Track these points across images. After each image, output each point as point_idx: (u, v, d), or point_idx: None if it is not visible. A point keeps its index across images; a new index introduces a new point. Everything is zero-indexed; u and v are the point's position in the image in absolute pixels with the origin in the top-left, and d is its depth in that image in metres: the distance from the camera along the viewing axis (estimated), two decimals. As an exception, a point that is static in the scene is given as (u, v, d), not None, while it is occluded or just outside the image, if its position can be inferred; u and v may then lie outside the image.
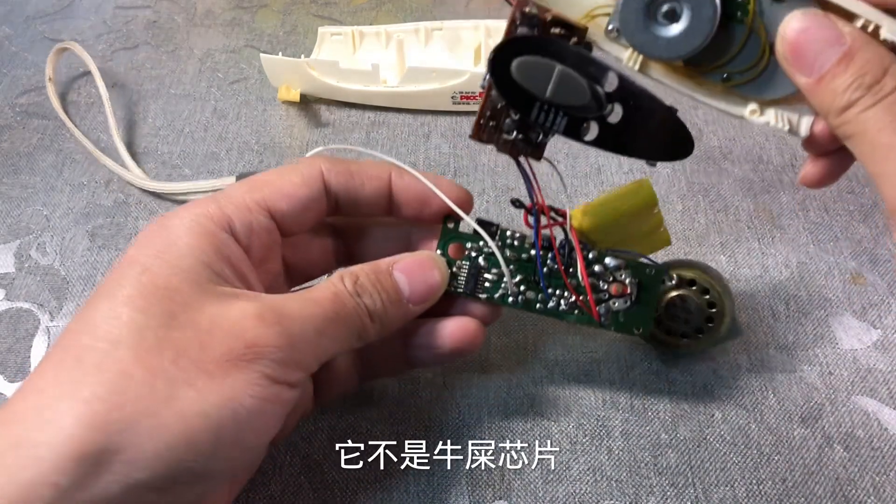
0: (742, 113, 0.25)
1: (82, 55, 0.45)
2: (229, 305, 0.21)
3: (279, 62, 0.44)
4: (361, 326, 0.24)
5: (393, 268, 0.26)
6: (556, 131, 0.24)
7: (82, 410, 0.19)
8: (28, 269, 0.38)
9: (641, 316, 0.28)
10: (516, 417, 0.31)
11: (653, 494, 0.29)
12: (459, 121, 0.45)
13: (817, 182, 0.26)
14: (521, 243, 0.28)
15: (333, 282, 0.24)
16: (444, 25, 0.47)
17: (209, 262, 0.22)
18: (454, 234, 0.28)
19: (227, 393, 0.20)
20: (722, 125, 0.44)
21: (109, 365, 0.19)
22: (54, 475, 0.18)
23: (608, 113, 0.24)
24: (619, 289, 0.28)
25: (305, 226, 0.27)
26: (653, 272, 0.28)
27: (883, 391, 0.32)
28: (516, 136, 0.25)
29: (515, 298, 0.28)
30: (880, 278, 0.36)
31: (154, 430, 0.19)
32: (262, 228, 0.25)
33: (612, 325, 0.28)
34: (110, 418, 0.19)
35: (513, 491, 0.29)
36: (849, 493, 0.29)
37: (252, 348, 0.20)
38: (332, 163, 0.27)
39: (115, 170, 0.41)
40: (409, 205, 0.27)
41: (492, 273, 0.28)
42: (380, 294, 0.25)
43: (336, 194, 0.27)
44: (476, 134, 0.25)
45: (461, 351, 0.27)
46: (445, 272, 0.27)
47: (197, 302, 0.21)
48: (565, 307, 0.28)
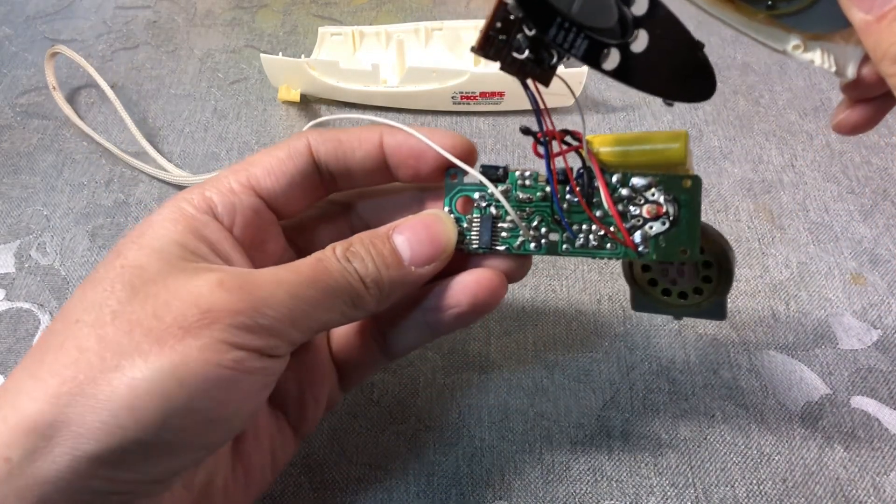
0: (784, 47, 0.22)
1: (75, 58, 0.45)
2: (194, 277, 0.21)
3: (279, 62, 0.44)
4: (354, 292, 0.23)
5: (392, 231, 0.24)
6: (575, 55, 0.21)
7: (36, 386, 0.19)
8: (28, 269, 0.38)
9: (685, 236, 0.24)
10: (516, 417, 0.31)
11: (653, 494, 0.29)
12: (459, 121, 0.45)
13: (854, 129, 0.24)
14: (535, 181, 0.25)
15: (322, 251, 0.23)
16: (445, 25, 0.47)
17: (184, 242, 0.22)
18: (459, 186, 0.26)
19: (177, 359, 0.19)
20: (722, 125, 0.44)
21: (68, 342, 0.20)
22: (6, 450, 0.18)
23: (632, 40, 0.21)
24: (654, 210, 0.24)
25: (301, 203, 0.26)
26: (690, 184, 0.24)
27: (883, 391, 0.32)
28: (527, 56, 0.22)
29: (538, 243, 0.25)
30: (880, 278, 0.36)
31: (99, 401, 0.18)
32: (246, 208, 0.24)
33: (652, 253, 0.24)
34: (60, 391, 0.19)
35: (513, 491, 0.29)
36: (849, 493, 0.29)
37: (207, 314, 0.20)
38: (320, 133, 0.26)
39: (143, 168, 0.41)
40: (406, 164, 0.26)
41: (507, 221, 0.25)
42: (373, 258, 0.23)
43: (326, 164, 0.25)
44: (481, 47, 0.22)
45: (481, 305, 0.25)
46: (452, 229, 0.25)
47: (161, 276, 0.21)
48: (595, 242, 0.24)
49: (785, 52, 0.23)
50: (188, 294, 0.20)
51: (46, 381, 0.19)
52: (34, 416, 0.18)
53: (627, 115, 0.45)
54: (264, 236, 0.25)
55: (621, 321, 0.35)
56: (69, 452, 0.18)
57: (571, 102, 0.43)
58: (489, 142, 0.44)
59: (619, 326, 0.34)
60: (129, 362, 0.19)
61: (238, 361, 0.20)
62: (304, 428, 0.27)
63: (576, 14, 0.21)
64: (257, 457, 0.25)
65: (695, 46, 0.22)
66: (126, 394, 0.19)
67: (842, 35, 0.22)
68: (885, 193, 0.40)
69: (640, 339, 0.34)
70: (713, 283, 0.26)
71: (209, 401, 0.20)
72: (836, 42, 0.22)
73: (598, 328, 0.34)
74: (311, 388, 0.26)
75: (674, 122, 0.44)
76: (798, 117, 0.44)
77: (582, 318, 0.35)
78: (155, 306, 0.20)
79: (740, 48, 0.49)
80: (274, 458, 0.26)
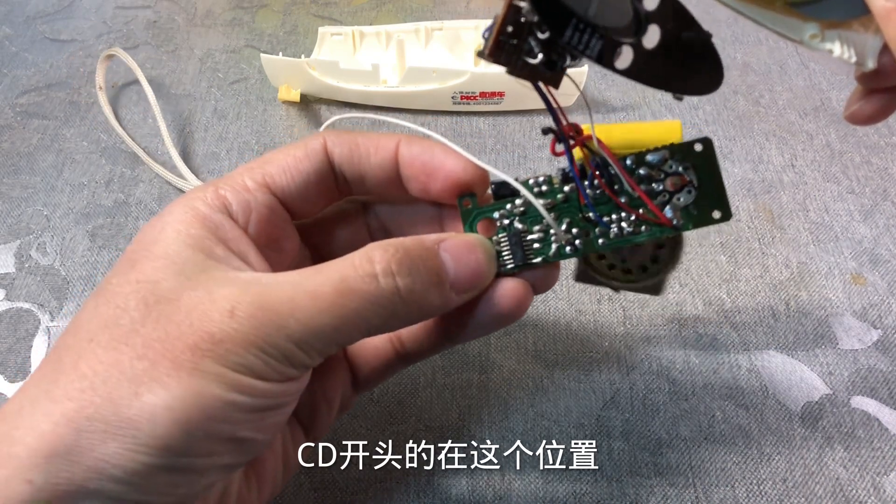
0: (802, 37, 0.22)
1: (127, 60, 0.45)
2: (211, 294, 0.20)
3: (279, 62, 0.44)
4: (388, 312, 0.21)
5: (439, 246, 0.22)
6: (589, 56, 0.21)
7: (53, 409, 0.19)
8: (28, 269, 0.38)
9: (713, 199, 0.24)
10: (516, 417, 0.31)
11: (653, 494, 0.29)
12: (459, 121, 0.45)
13: (868, 119, 0.24)
14: (550, 186, 0.25)
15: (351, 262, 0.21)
16: (445, 25, 0.47)
17: (199, 245, 0.22)
18: (477, 210, 0.25)
19: (195, 386, 0.19)
20: (722, 125, 0.44)
21: (82, 363, 0.19)
22: (28, 472, 0.18)
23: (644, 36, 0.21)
24: (678, 181, 0.24)
25: (316, 204, 0.25)
26: (700, 147, 0.24)
27: (883, 391, 0.32)
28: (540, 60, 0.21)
29: (573, 246, 0.24)
30: (880, 278, 0.36)
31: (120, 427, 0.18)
32: (261, 205, 0.24)
33: (689, 223, 0.24)
34: (80, 416, 0.18)
35: (513, 491, 0.29)
36: (849, 493, 0.29)
37: (219, 344, 0.19)
38: (337, 135, 0.25)
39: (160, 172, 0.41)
40: (417, 178, 0.25)
41: (535, 232, 0.24)
42: (421, 274, 0.21)
43: (341, 167, 0.25)
44: (492, 52, 0.21)
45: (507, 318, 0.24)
46: (493, 260, 0.24)
47: (175, 292, 0.20)
48: (630, 229, 0.24)
49: (802, 41, 0.22)
50: (201, 320, 0.20)
51: (64, 403, 0.19)
52: (53, 440, 0.18)
53: (627, 115, 0.45)
54: (279, 234, 0.25)
55: (621, 321, 0.35)
56: (95, 477, 0.18)
57: (572, 102, 0.43)
58: (489, 142, 0.44)
59: (619, 326, 0.34)
60: (146, 389, 0.19)
61: (254, 388, 0.20)
62: (316, 432, 0.26)
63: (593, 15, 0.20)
64: (270, 463, 0.25)
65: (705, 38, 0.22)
66: (147, 421, 0.19)
67: (860, 23, 0.21)
68: (885, 193, 0.40)
69: (640, 339, 0.34)
70: (661, 263, 0.26)
71: (230, 424, 0.20)
72: (855, 30, 0.22)
73: (598, 328, 0.34)
74: (325, 392, 0.26)
75: (674, 122, 0.44)
76: (798, 117, 0.44)
77: (582, 318, 0.35)
78: (168, 330, 0.20)
79: (740, 48, 0.49)
80: (286, 461, 0.25)
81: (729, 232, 0.38)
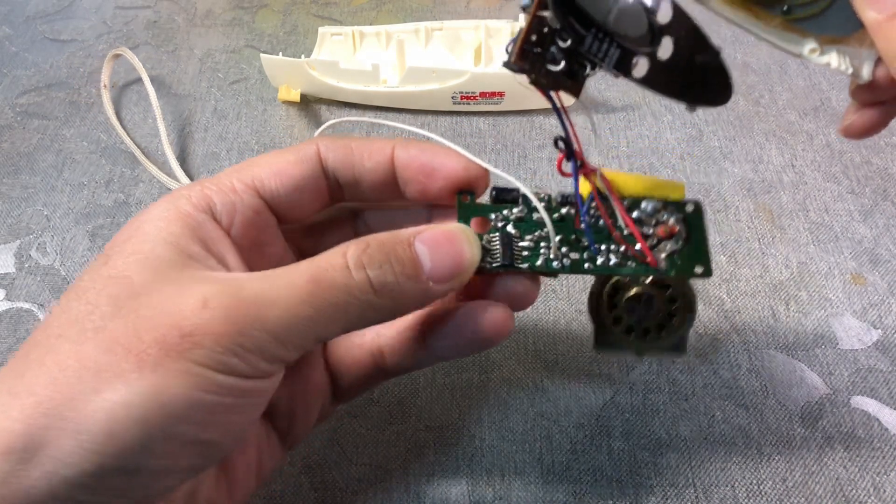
0: (801, 51, 0.23)
1: (133, 61, 0.45)
2: (183, 290, 0.20)
3: (279, 62, 0.44)
4: (363, 305, 0.21)
5: (415, 238, 0.22)
6: (608, 64, 0.22)
7: (12, 404, 0.18)
8: (28, 269, 0.38)
9: (697, 254, 0.25)
10: (516, 417, 0.31)
11: (653, 494, 0.29)
12: (459, 121, 0.45)
13: (863, 132, 0.24)
14: (549, 203, 0.25)
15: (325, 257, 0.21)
16: (445, 25, 0.47)
17: (176, 243, 0.21)
18: (473, 207, 0.25)
19: (158, 384, 0.18)
20: (722, 125, 0.44)
21: (48, 358, 0.19)
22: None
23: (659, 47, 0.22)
24: (667, 230, 0.25)
25: (306, 209, 0.25)
26: (693, 208, 0.25)
27: (883, 391, 0.32)
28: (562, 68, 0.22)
29: (560, 262, 0.25)
30: (880, 278, 0.36)
31: (77, 424, 0.18)
32: (247, 208, 0.23)
33: (671, 269, 0.25)
34: (37, 412, 0.18)
35: (513, 491, 0.29)
36: (849, 493, 0.29)
37: (188, 337, 0.19)
38: (332, 140, 0.25)
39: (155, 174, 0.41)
40: (415, 180, 0.25)
41: (526, 240, 0.25)
42: (392, 266, 0.21)
43: (335, 172, 0.25)
44: (518, 60, 0.21)
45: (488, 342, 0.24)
46: (476, 247, 0.23)
47: (147, 288, 0.20)
48: (617, 260, 0.25)
49: (801, 55, 0.23)
50: (171, 313, 0.19)
51: (23, 399, 0.18)
52: (10, 437, 0.18)
53: (627, 115, 0.45)
54: (264, 238, 0.25)
55: (621, 321, 0.35)
56: (47, 476, 0.18)
57: (572, 102, 0.42)
58: (489, 142, 0.44)
59: (619, 326, 0.34)
60: (107, 385, 0.18)
61: (222, 385, 0.19)
62: (293, 439, 0.26)
63: (612, 24, 0.21)
64: (242, 466, 0.24)
65: (714, 52, 0.23)
66: (104, 419, 0.18)
67: (856, 38, 0.22)
68: (885, 193, 0.40)
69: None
70: (677, 318, 0.26)
71: (193, 425, 0.19)
72: (851, 45, 0.22)
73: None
74: (303, 399, 0.26)
75: (673, 122, 0.44)
76: (798, 117, 0.44)
77: (582, 318, 0.35)
78: (136, 324, 0.19)
79: (740, 48, 0.49)
80: (260, 466, 0.25)
81: (729, 232, 0.38)
